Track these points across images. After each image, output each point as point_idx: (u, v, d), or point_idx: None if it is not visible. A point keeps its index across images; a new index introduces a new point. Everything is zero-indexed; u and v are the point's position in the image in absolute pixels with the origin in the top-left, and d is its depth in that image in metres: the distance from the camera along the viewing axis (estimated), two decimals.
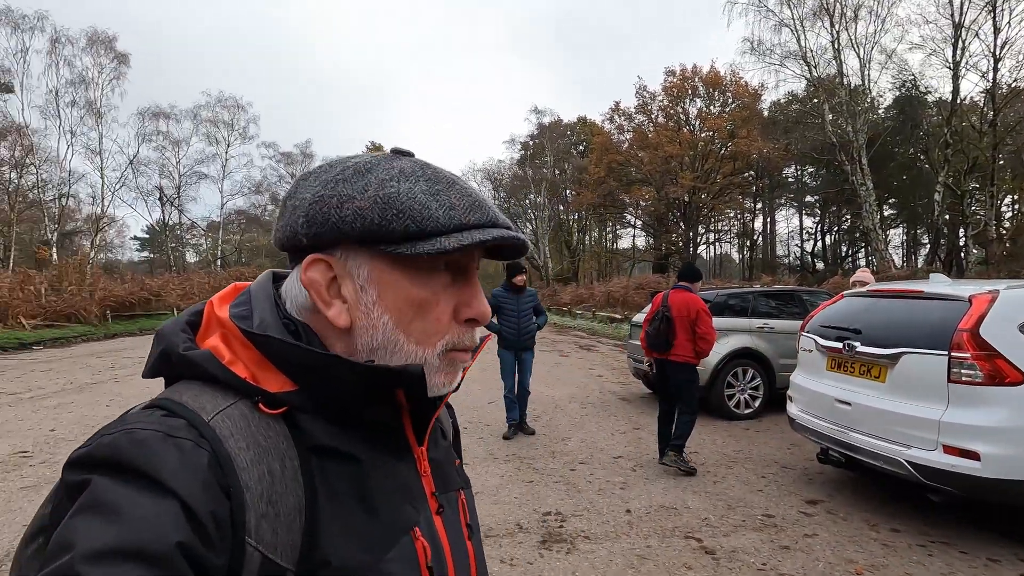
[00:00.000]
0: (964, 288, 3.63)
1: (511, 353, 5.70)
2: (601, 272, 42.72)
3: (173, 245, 38.89)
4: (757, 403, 6.57)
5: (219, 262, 37.45)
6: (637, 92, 34.25)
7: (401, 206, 0.50)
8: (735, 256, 46.34)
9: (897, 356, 3.57)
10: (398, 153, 0.57)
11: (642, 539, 3.43)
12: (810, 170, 35.71)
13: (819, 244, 37.67)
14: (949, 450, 3.22)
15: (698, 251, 36.30)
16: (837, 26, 22.01)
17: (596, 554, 3.24)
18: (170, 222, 37.89)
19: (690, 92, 32.94)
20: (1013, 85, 20.42)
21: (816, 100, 25.68)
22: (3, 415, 6.47)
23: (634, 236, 44.77)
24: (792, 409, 4.48)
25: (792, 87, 29.65)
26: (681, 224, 33.51)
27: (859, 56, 22.43)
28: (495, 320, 5.74)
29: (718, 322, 6.43)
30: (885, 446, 3.53)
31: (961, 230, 25.15)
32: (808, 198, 37.64)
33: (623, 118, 35.99)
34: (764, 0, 23.21)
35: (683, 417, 4.69)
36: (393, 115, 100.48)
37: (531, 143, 41.49)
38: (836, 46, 22.16)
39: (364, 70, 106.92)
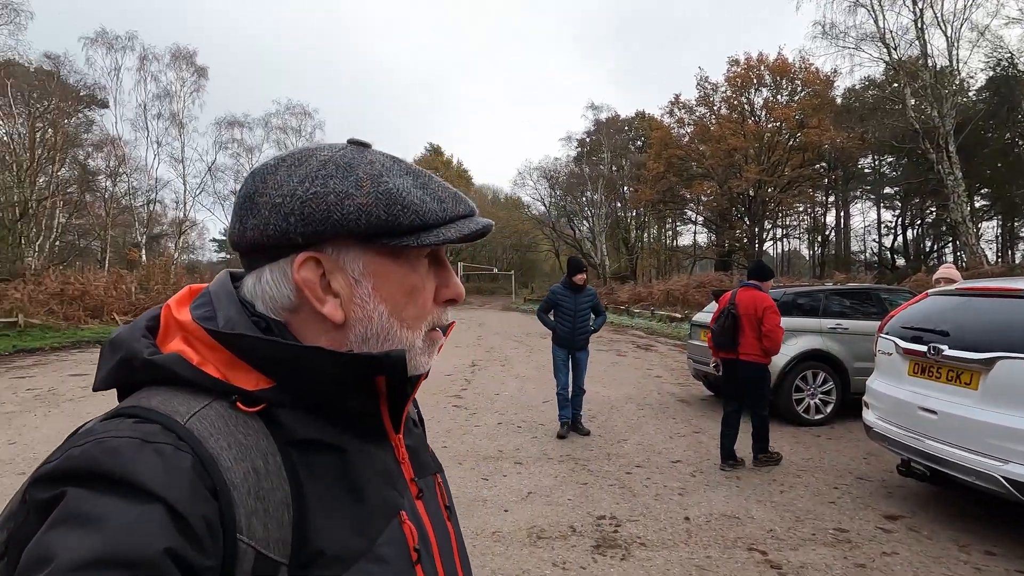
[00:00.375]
0: None
1: (564, 351, 5.65)
2: (660, 270, 41.69)
3: None
4: (829, 408, 6.17)
5: None
6: (698, 84, 33.10)
7: (404, 202, 0.52)
8: (804, 252, 43.96)
9: (992, 361, 3.23)
10: (357, 144, 0.57)
11: (701, 548, 3.28)
12: (889, 160, 33.21)
13: (899, 239, 35.05)
14: None
15: (764, 247, 34.65)
16: (921, 3, 20.40)
17: (652, 562, 3.13)
18: None
19: (755, 81, 31.49)
20: None
21: (896, 84, 23.88)
22: (96, 404, 7.04)
23: (695, 233, 43.31)
24: (869, 416, 4.17)
25: (869, 72, 27.79)
26: (745, 220, 32.13)
27: (946, 35, 20.68)
28: (551, 316, 5.74)
29: (785, 322, 6.11)
30: (977, 460, 3.21)
31: None
32: (887, 190, 35.01)
33: (683, 111, 34.90)
34: None
35: (756, 419, 4.71)
36: (446, 116, 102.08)
37: (588, 140, 41.02)
38: (920, 25, 20.54)
39: (417, 73, 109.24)
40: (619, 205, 42.19)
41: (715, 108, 33.06)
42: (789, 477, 4.48)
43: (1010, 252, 31.53)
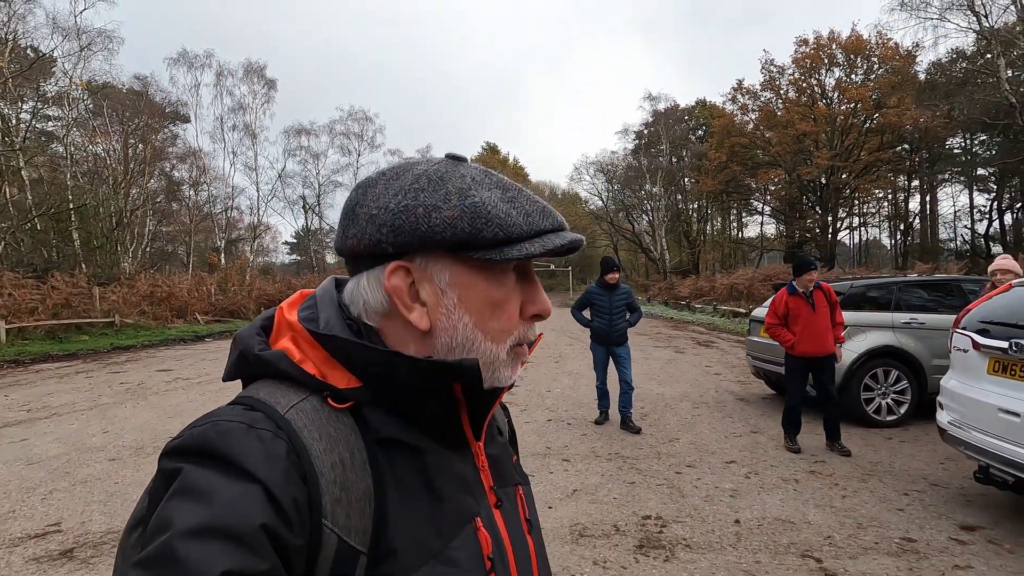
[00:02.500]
0: None
1: (603, 348, 5.83)
2: (724, 263, 40.12)
3: (315, 248, 43.23)
4: (903, 409, 5.75)
5: None
6: (763, 67, 31.54)
7: (489, 215, 0.54)
8: (885, 242, 40.95)
9: None
10: (454, 158, 0.59)
11: (750, 553, 3.15)
12: (982, 138, 30.28)
13: (995, 224, 31.95)
14: None
15: (838, 237, 32.60)
16: None
17: (696, 564, 3.04)
18: (312, 227, 42.18)
19: (826, 61, 29.62)
20: None
21: (989, 55, 21.79)
22: (178, 397, 7.64)
23: (762, 223, 41.32)
24: (943, 418, 3.86)
25: (956, 43, 25.50)
26: (817, 208, 30.36)
27: None
28: (587, 314, 5.91)
29: (851, 316, 5.77)
30: None
31: None
32: (980, 171, 31.98)
33: (747, 97, 33.35)
34: None
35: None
36: (502, 114, 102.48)
37: (645, 131, 40.08)
38: None
39: (469, 73, 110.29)
40: (679, 197, 40.99)
41: (782, 92, 31.43)
42: (854, 481, 4.22)
43: None
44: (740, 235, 43.98)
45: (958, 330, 3.86)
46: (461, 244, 0.53)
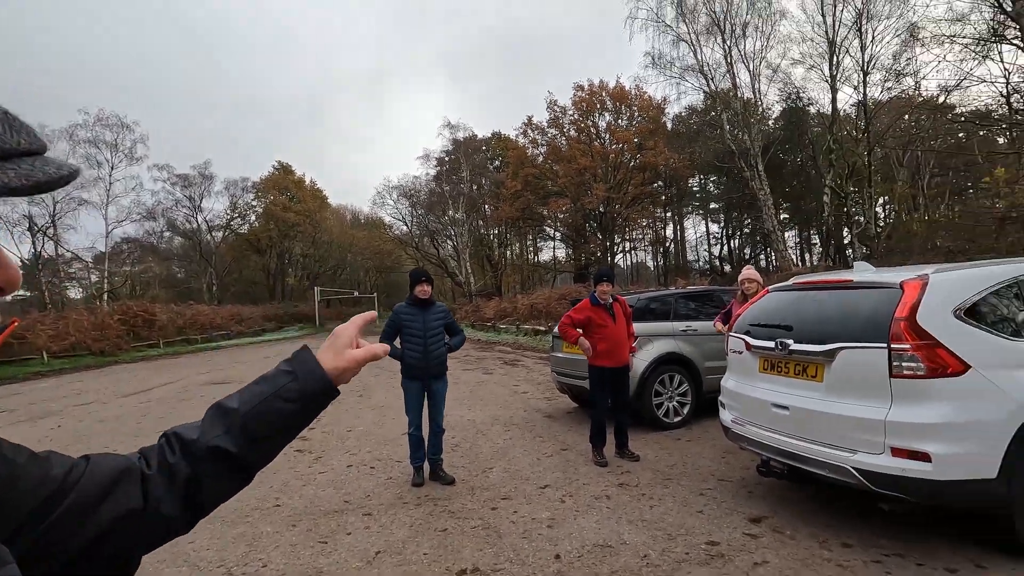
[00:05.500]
0: (892, 275, 3.42)
1: (417, 383, 4.72)
2: (524, 285, 42.70)
3: (50, 280, 34.41)
4: (686, 410, 6.28)
5: (105, 296, 33.59)
6: (548, 107, 34.76)
7: None
8: (650, 263, 48.06)
9: (833, 352, 3.27)
10: None
11: None
12: (713, 178, 37.74)
13: (725, 248, 39.79)
14: (897, 452, 2.92)
15: (615, 259, 37.12)
16: (728, 42, 23.36)
17: None
18: (44, 255, 33.58)
19: (599, 106, 33.83)
20: (880, 97, 22.51)
21: (714, 112, 27.08)
22: None
23: (554, 248, 45.26)
24: (726, 417, 4.14)
25: (692, 100, 31.25)
26: (599, 234, 34.14)
27: (749, 70, 23.90)
28: (396, 344, 4.77)
29: (642, 327, 6.13)
30: (830, 452, 3.20)
31: (845, 229, 27.30)
32: (712, 205, 39.77)
33: (536, 132, 36.38)
34: (662, 15, 24.25)
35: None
36: (307, 137, 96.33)
37: (447, 158, 40.97)
38: (729, 60, 23.50)
39: (268, 91, 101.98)
40: (481, 223, 42.61)
41: (565, 130, 34.90)
42: (657, 488, 4.31)
43: (807, 255, 37.23)
44: (536, 259, 47.40)
45: (733, 334, 4.20)
46: None
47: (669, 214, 40.88)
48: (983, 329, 3.03)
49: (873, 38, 21.25)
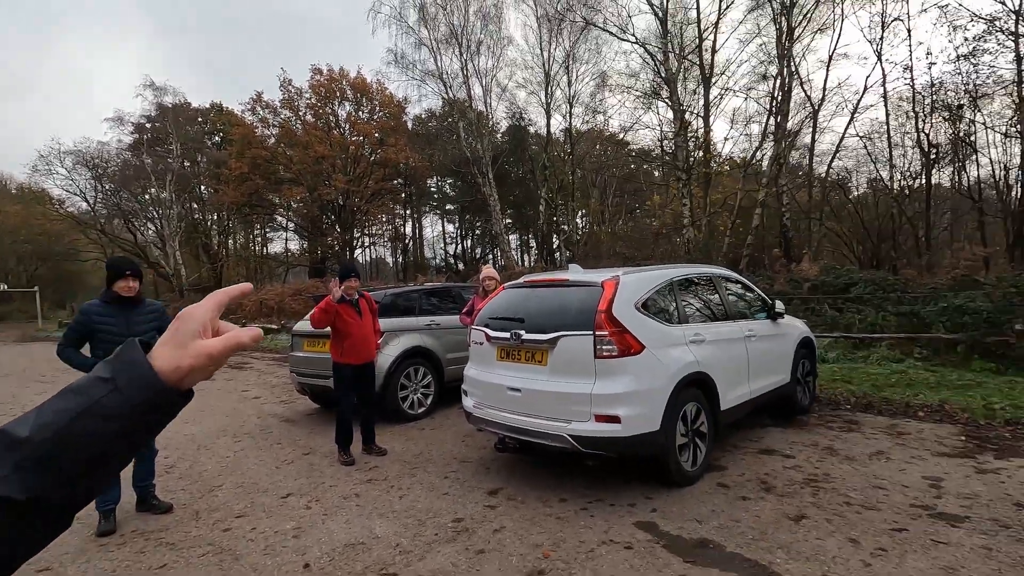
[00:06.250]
0: (595, 275, 4.23)
1: None
2: (250, 279, 38.35)
3: None
4: (429, 401, 6.59)
5: None
6: (282, 85, 31.88)
7: None
8: (389, 259, 48.53)
9: (556, 340, 3.89)
10: None
11: None
12: (450, 181, 40.08)
13: (460, 247, 42.76)
14: (599, 418, 3.65)
15: (355, 254, 36.35)
16: (464, 55, 25.09)
17: None
18: None
19: (339, 94, 32.56)
20: (581, 127, 27.20)
21: (451, 119, 28.81)
22: None
23: (287, 239, 41.88)
24: (468, 403, 4.51)
25: (432, 104, 32.60)
26: (337, 227, 32.90)
27: (482, 85, 26.10)
28: (84, 353, 3.71)
29: (388, 323, 6.20)
30: (550, 424, 3.80)
31: (555, 236, 32.24)
32: (449, 206, 42.25)
33: (268, 111, 33.00)
34: (405, 16, 24.65)
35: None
36: None
37: (149, 125, 34.04)
38: (465, 72, 25.24)
39: None
40: (195, 206, 36.76)
41: (301, 113, 32.57)
42: (405, 478, 4.45)
43: (527, 257, 42.63)
44: (265, 250, 43.10)
45: (475, 327, 4.60)
46: None
47: (409, 212, 41.89)
48: (652, 318, 3.99)
49: (577, 77, 25.52)
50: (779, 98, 17.32)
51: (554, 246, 31.61)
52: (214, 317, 0.63)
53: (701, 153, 19.61)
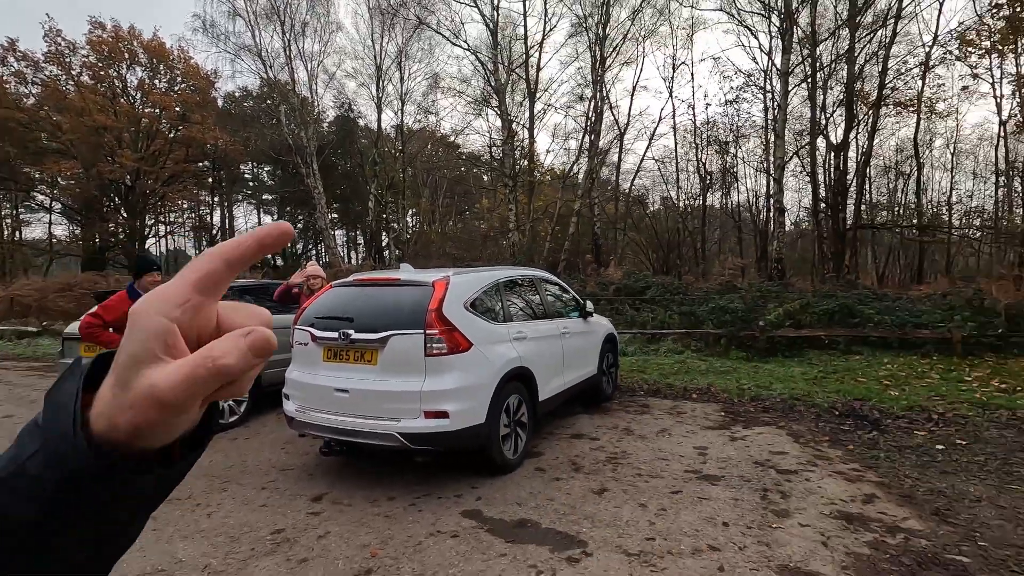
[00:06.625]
0: (426, 275, 4.32)
1: None
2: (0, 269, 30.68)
3: None
4: (243, 408, 6.04)
5: None
6: (47, 35, 26.15)
7: None
8: (191, 251, 42.74)
9: (386, 339, 3.89)
10: None
11: None
12: (268, 168, 36.73)
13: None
14: (428, 414, 3.74)
15: (147, 244, 31.30)
16: (288, 35, 23.27)
17: None
18: None
19: (128, 56, 27.76)
20: (413, 126, 27.09)
21: (271, 101, 26.48)
22: None
23: (51, 223, 34.34)
24: (289, 407, 4.27)
25: (249, 82, 29.54)
26: (123, 212, 28.03)
27: (307, 69, 24.47)
28: None
29: None
30: (380, 423, 3.79)
31: (384, 233, 31.59)
32: (267, 196, 38.70)
33: (25, 64, 26.77)
34: None
35: None
36: None
37: None
38: (288, 54, 23.41)
39: None
40: None
41: (75, 73, 27.06)
42: (215, 494, 4.04)
43: (354, 254, 40.99)
44: (19, 236, 34.84)
45: (298, 327, 4.37)
46: None
47: (217, 199, 37.36)
48: (480, 317, 4.22)
49: (409, 75, 25.33)
50: (593, 119, 19.30)
51: (383, 244, 30.93)
52: (201, 305, 0.36)
53: (526, 162, 20.92)
